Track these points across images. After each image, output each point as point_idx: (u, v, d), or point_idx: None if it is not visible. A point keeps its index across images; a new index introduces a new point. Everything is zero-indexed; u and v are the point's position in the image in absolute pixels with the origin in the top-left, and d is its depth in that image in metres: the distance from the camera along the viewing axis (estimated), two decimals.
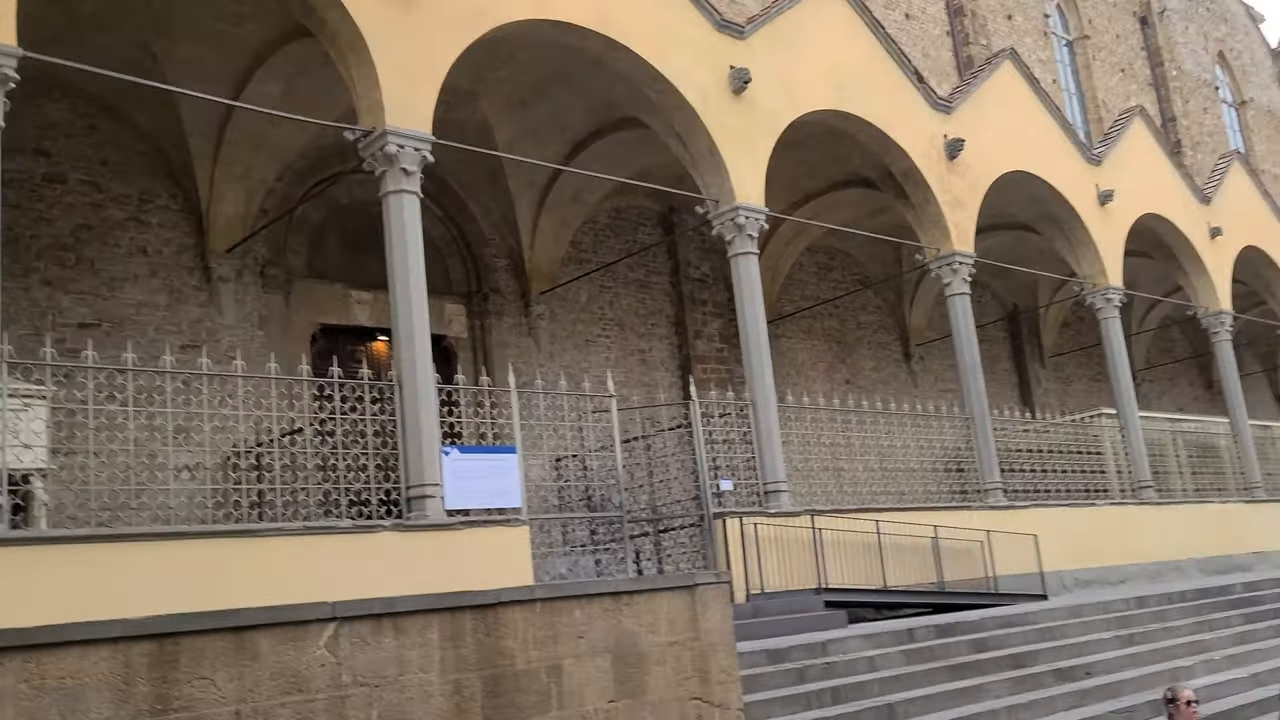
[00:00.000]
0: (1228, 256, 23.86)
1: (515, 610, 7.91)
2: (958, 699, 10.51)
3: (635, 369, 19.36)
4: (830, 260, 23.35)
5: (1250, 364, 32.71)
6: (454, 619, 7.62)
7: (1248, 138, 38.98)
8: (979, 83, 19.28)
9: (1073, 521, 17.78)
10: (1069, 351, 28.19)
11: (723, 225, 14.81)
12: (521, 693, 7.76)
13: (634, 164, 16.73)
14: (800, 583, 13.47)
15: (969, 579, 15.18)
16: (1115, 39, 33.96)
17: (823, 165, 18.50)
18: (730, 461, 14.23)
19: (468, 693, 7.53)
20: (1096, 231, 20.42)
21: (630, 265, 19.69)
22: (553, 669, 7.96)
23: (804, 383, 21.10)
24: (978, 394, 17.35)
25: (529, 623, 7.95)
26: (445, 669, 7.47)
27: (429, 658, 7.42)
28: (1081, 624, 13.52)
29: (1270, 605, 16.01)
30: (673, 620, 8.72)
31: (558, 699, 7.91)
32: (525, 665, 7.84)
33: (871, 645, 11.45)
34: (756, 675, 9.96)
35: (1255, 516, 22.05)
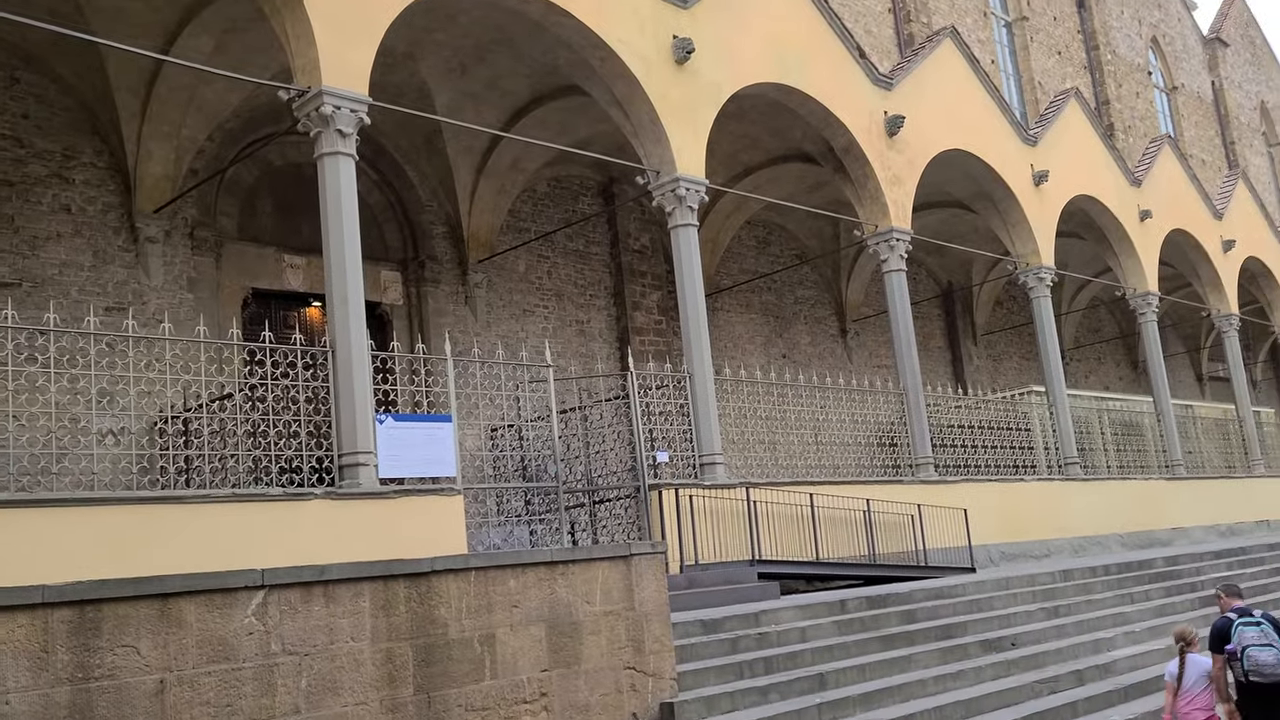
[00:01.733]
0: (1156, 239, 24.37)
1: (449, 579, 7.85)
2: (888, 669, 10.65)
3: (573, 340, 19.27)
4: (769, 235, 23.42)
5: (1174, 345, 33.57)
6: (387, 587, 7.53)
7: (1178, 123, 39.81)
8: (919, 60, 19.39)
9: (1001, 496, 18.11)
10: (1001, 329, 28.65)
11: (663, 196, 14.74)
12: (454, 661, 7.71)
13: (575, 132, 16.59)
14: (735, 554, 13.55)
15: (900, 552, 15.40)
16: (1053, 21, 34.39)
17: (764, 138, 18.50)
18: (667, 433, 14.23)
19: (399, 661, 7.46)
20: (1031, 211, 20.71)
21: (569, 235, 19.56)
22: (486, 638, 7.92)
23: (741, 356, 21.19)
24: (912, 370, 17.55)
25: (463, 591, 7.89)
26: (377, 637, 7.39)
27: (360, 626, 7.34)
28: (1008, 596, 13.78)
29: (1188, 579, 16.46)
30: (608, 590, 8.72)
31: (491, 668, 7.88)
32: (459, 634, 7.79)
33: (804, 616, 11.55)
34: (690, 645, 9.99)
35: (1175, 493, 22.66)
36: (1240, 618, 8.04)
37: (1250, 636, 7.85)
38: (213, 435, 10.29)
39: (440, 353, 12.19)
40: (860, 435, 16.93)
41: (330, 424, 10.68)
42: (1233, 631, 7.95)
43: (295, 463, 10.45)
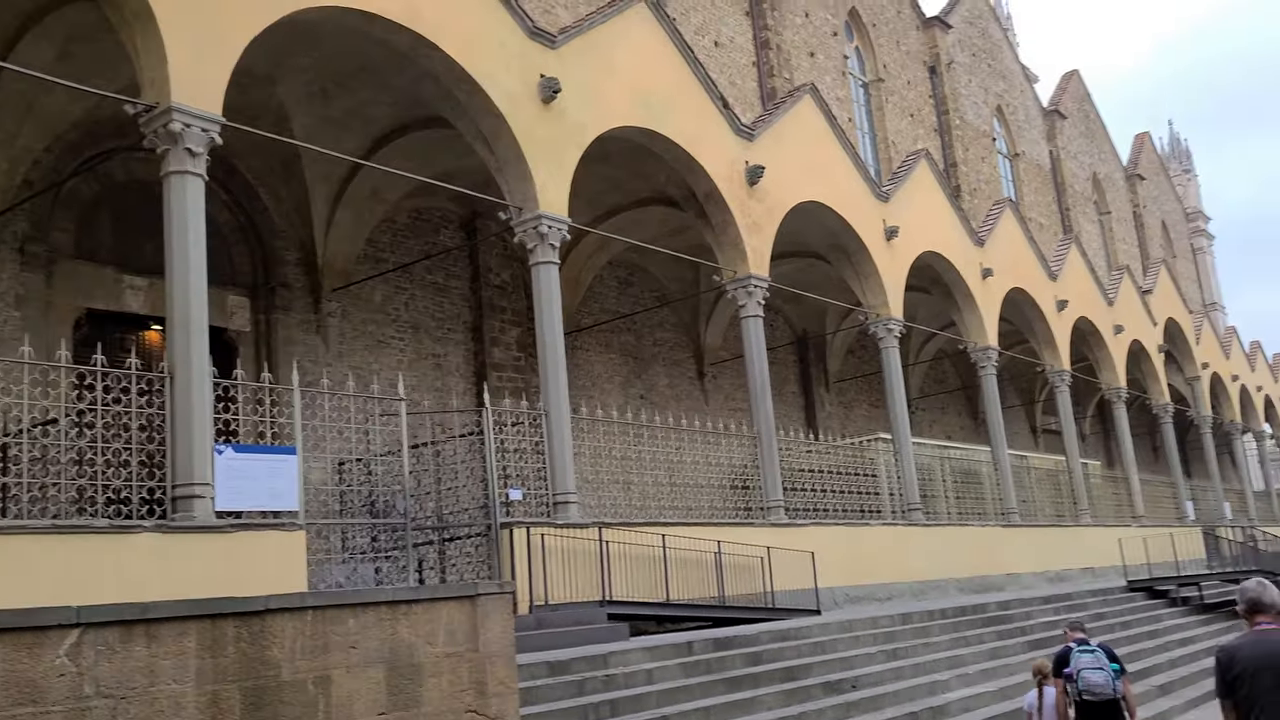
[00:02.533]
0: (996, 296, 25.55)
1: (284, 618, 7.51)
2: (732, 711, 10.70)
3: (429, 374, 18.95)
4: (631, 276, 23.61)
5: (1012, 398, 35.17)
6: (215, 626, 7.16)
7: (1019, 187, 42.00)
8: (781, 114, 19.95)
9: (847, 540, 18.54)
10: (852, 377, 29.49)
11: (525, 233, 14.69)
12: (285, 705, 7.37)
13: (438, 164, 16.42)
14: (585, 594, 13.45)
15: (750, 593, 15.56)
16: (906, 85, 35.92)
17: (628, 181, 18.68)
18: (521, 471, 14.09)
19: (225, 705, 7.08)
20: (882, 264, 21.45)
21: (429, 268, 19.30)
22: (321, 680, 7.60)
23: (599, 395, 21.22)
24: (765, 414, 17.86)
25: (298, 631, 7.57)
26: (202, 680, 7.01)
27: (184, 667, 6.95)
28: (851, 638, 14.07)
29: (1018, 624, 17.13)
30: (452, 631, 8.50)
31: (325, 711, 7.56)
32: (291, 676, 7.45)
33: (652, 658, 11.53)
34: (536, 687, 9.84)
35: (1010, 540, 23.61)
36: (1079, 646, 9.23)
37: (1085, 661, 9.07)
38: (33, 462, 9.68)
39: (288, 382, 11.80)
40: (714, 477, 17.11)
41: (165, 453, 10.18)
42: (1071, 657, 9.15)
43: (124, 493, 9.91)
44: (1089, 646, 9.22)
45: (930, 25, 37.82)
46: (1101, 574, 25.41)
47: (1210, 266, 66.35)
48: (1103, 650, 9.18)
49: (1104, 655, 9.09)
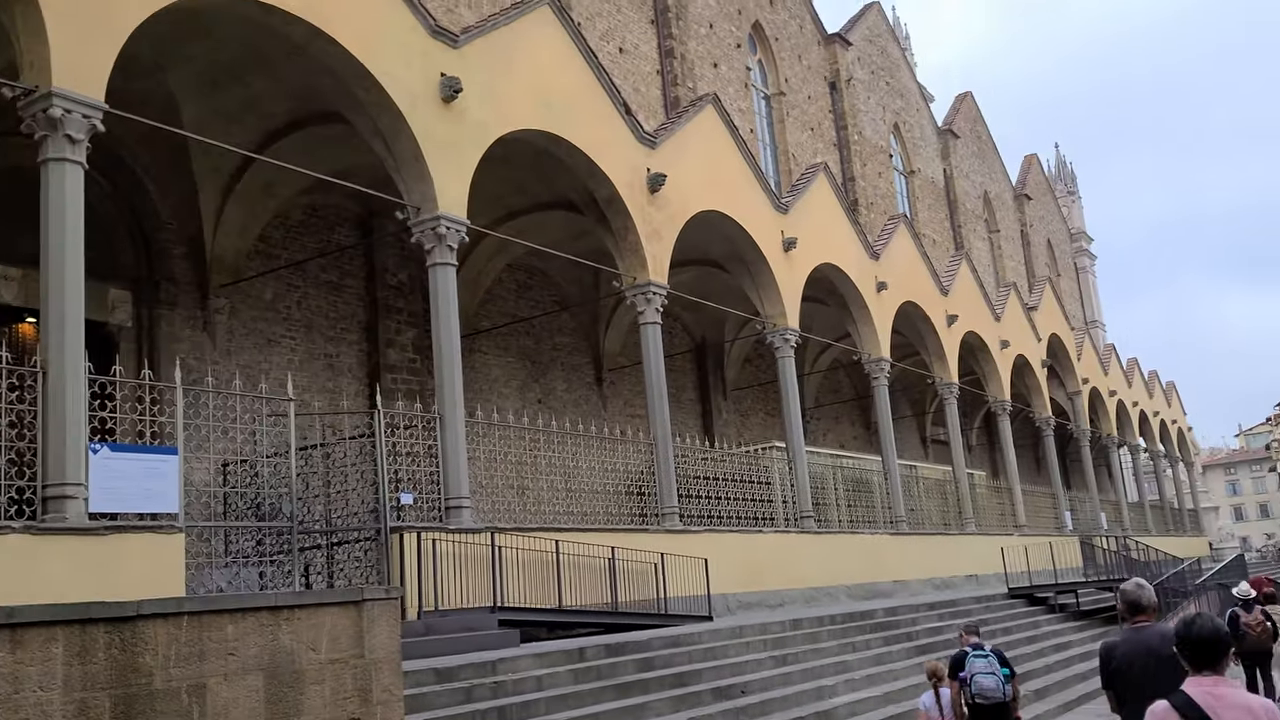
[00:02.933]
0: (890, 309, 26.12)
1: (157, 624, 7.25)
2: (622, 717, 10.69)
3: (320, 374, 18.55)
4: (530, 279, 23.48)
5: (903, 409, 35.97)
6: (84, 632, 6.87)
7: (913, 204, 43.06)
8: (683, 122, 20.08)
9: (741, 547, 18.70)
10: (749, 386, 29.81)
11: (423, 233, 14.49)
12: (158, 714, 7.11)
13: (334, 161, 16.06)
14: (477, 600, 13.30)
15: (643, 600, 15.58)
16: (807, 99, 36.53)
17: (529, 184, 18.58)
18: (413, 475, 13.87)
19: (95, 713, 6.80)
20: (780, 275, 21.74)
21: (323, 266, 18.90)
22: (196, 688, 7.35)
23: (496, 399, 21.03)
24: (662, 421, 17.92)
25: (173, 638, 7.31)
26: (70, 687, 6.72)
27: (51, 674, 6.65)
28: (742, 644, 14.18)
29: (904, 629, 17.50)
30: (336, 637, 8.30)
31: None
32: (165, 684, 7.19)
33: (542, 664, 11.45)
34: (422, 694, 9.68)
35: (898, 547, 24.14)
36: (974, 651, 9.70)
37: (979, 666, 9.55)
38: None
39: (171, 380, 11.40)
40: (610, 483, 17.09)
41: (36, 451, 9.75)
42: (966, 661, 9.61)
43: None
44: (983, 651, 9.66)
45: (831, 42, 38.54)
46: (985, 581, 26.13)
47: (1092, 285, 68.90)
48: (995, 655, 9.63)
49: (996, 660, 9.55)
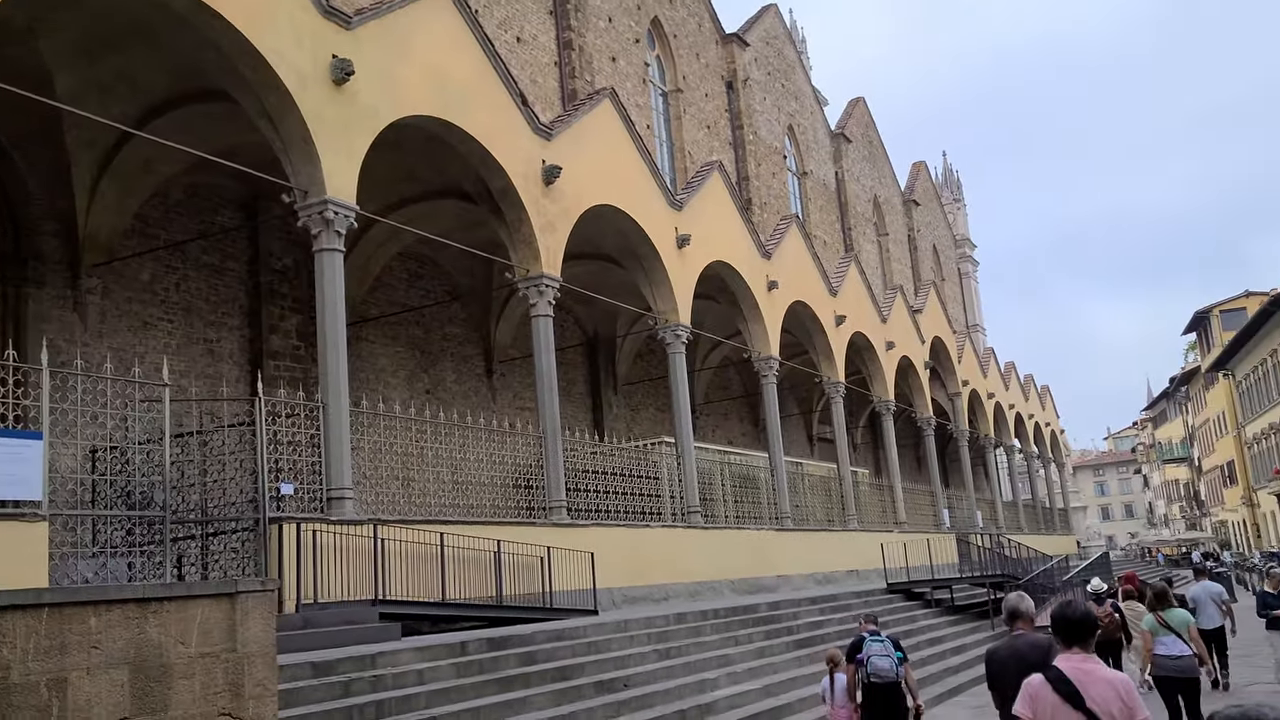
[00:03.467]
0: (780, 308, 26.49)
1: (15, 616, 6.92)
2: (503, 711, 10.61)
3: (199, 359, 17.96)
4: (421, 268, 23.14)
5: (791, 406, 36.58)
6: None
7: (805, 205, 43.76)
8: (580, 115, 20.02)
9: (627, 541, 18.76)
10: (640, 381, 29.92)
11: (310, 218, 14.13)
12: (15, 709, 6.79)
13: (218, 140, 15.57)
14: (358, 593, 13.05)
15: (528, 594, 15.50)
16: (704, 97, 36.80)
17: (422, 171, 18.30)
18: (295, 465, 13.52)
19: None
20: (673, 271, 21.85)
21: (205, 248, 18.31)
22: (56, 682, 7.04)
23: (383, 389, 20.66)
24: (552, 414, 17.85)
25: (31, 630, 6.98)
26: None
27: None
28: (625, 638, 14.22)
29: (786, 624, 17.79)
30: (207, 630, 8.04)
31: (59, 715, 7.00)
32: (23, 678, 6.87)
33: (423, 658, 11.29)
34: (298, 689, 9.45)
35: (782, 543, 24.52)
36: (870, 636, 10.46)
37: (874, 650, 10.31)
38: None
39: (37, 361, 10.89)
40: (498, 476, 16.95)
41: None
42: (864, 646, 10.37)
43: None
44: (879, 637, 10.44)
45: (729, 41, 38.89)
46: (865, 576, 26.74)
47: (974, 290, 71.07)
48: (889, 640, 10.43)
49: (890, 645, 10.36)
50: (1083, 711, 4.77)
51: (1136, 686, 5.03)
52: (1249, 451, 63.27)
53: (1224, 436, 69.34)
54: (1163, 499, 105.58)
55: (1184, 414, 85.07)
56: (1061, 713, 4.82)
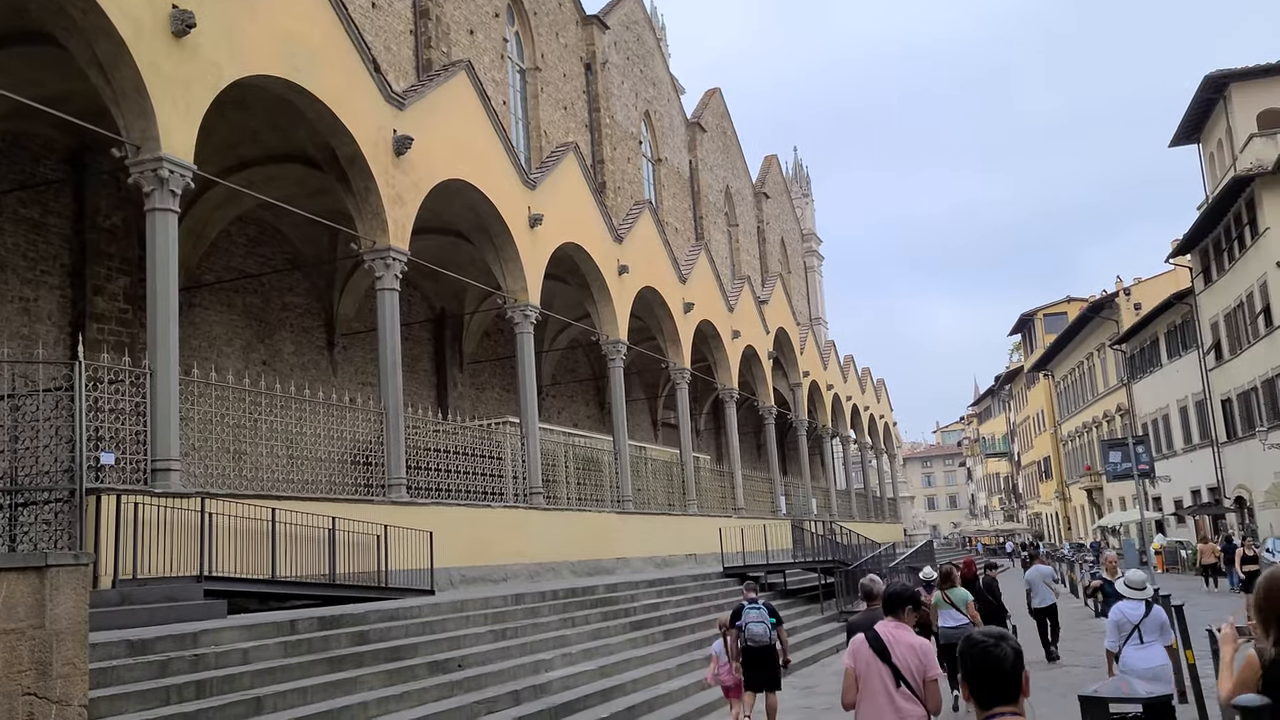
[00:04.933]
0: (630, 292, 26.64)
1: None
2: (332, 691, 10.36)
3: (14, 318, 16.86)
4: (262, 234, 22.29)
5: (637, 391, 36.88)
6: None
7: (659, 191, 44.09)
8: (435, 86, 19.62)
9: (468, 521, 18.57)
10: (487, 360, 29.63)
11: (142, 174, 13.40)
12: None
13: (42, 86, 14.67)
14: (183, 569, 12.51)
15: (364, 572, 15.17)
16: (563, 77, 36.62)
17: (265, 134, 17.63)
18: (118, 434, 12.84)
19: None
20: (524, 250, 21.69)
21: (23, 200, 17.18)
22: None
23: (217, 358, 19.87)
24: (395, 390, 17.49)
25: None
26: None
27: None
28: (462, 618, 14.08)
29: (624, 605, 17.94)
30: (11, 605, 7.56)
31: None
32: None
33: (249, 637, 10.92)
34: (112, 668, 9.01)
35: (623, 526, 24.72)
36: (749, 604, 11.80)
37: (751, 616, 11.65)
38: None
39: None
40: (335, 451, 16.51)
41: None
42: (743, 613, 11.71)
43: None
44: (756, 605, 11.80)
45: (589, 23, 38.77)
46: (704, 560, 27.24)
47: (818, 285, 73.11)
48: (765, 607, 11.79)
49: (765, 611, 11.73)
50: (888, 664, 5.96)
51: None
52: (1064, 448, 67.20)
53: (1042, 433, 73.45)
54: (984, 491, 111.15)
55: (1007, 411, 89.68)
56: (874, 664, 6.01)
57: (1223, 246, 38.00)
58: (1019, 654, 3.39)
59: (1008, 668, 3.32)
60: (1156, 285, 50.58)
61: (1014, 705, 3.32)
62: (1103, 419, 55.63)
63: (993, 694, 3.32)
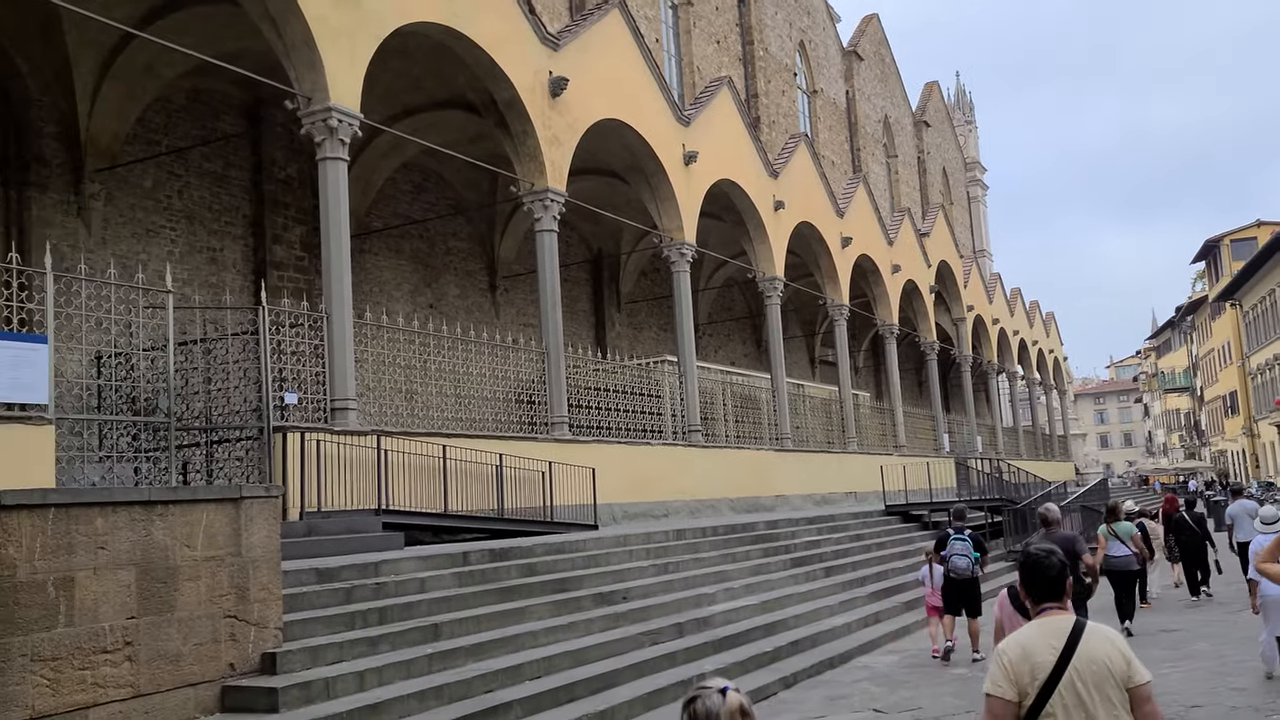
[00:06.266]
0: (786, 228, 26.30)
1: (22, 515, 7.00)
2: (503, 620, 10.77)
3: (203, 268, 17.90)
4: (425, 181, 22.93)
5: (794, 328, 36.53)
6: None
7: (814, 124, 43.17)
8: (588, 26, 19.63)
9: (628, 458, 18.88)
10: (644, 300, 29.84)
11: (313, 125, 13.93)
12: (21, 607, 6.90)
13: (221, 44, 15.34)
14: (362, 503, 13.18)
15: (530, 507, 15.65)
16: (715, 10, 36.08)
17: (427, 81, 18.03)
18: (299, 375, 13.56)
19: None
20: (679, 188, 21.63)
21: (207, 155, 18.12)
22: (64, 581, 7.15)
23: (386, 302, 20.63)
24: (555, 330, 17.83)
25: (38, 529, 7.07)
26: None
27: None
28: (625, 553, 14.37)
29: (784, 542, 17.97)
30: (212, 534, 8.14)
31: (66, 615, 7.13)
32: (29, 576, 6.97)
33: (426, 567, 11.43)
34: (302, 594, 9.58)
35: (782, 464, 24.69)
36: (955, 534, 12.35)
37: (956, 548, 12.20)
38: None
39: (41, 265, 10.84)
40: (500, 390, 16.98)
41: None
42: (948, 543, 12.32)
43: None
44: (961, 536, 12.24)
45: None
46: (864, 498, 26.98)
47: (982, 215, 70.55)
48: (971, 539, 12.22)
49: (970, 544, 12.17)
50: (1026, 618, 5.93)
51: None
52: (1253, 382, 63.37)
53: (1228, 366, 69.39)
54: (1163, 428, 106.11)
55: (1188, 344, 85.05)
56: (1016, 620, 6.11)
57: None
58: (1064, 565, 4.11)
59: (1054, 574, 4.05)
60: None
61: (1059, 603, 4.05)
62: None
63: (1044, 594, 4.06)
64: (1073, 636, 3.85)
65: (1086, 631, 3.88)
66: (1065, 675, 3.79)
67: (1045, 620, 3.98)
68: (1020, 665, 3.85)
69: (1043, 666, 3.82)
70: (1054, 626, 3.93)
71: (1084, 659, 3.81)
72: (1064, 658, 3.81)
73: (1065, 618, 3.96)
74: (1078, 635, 3.85)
